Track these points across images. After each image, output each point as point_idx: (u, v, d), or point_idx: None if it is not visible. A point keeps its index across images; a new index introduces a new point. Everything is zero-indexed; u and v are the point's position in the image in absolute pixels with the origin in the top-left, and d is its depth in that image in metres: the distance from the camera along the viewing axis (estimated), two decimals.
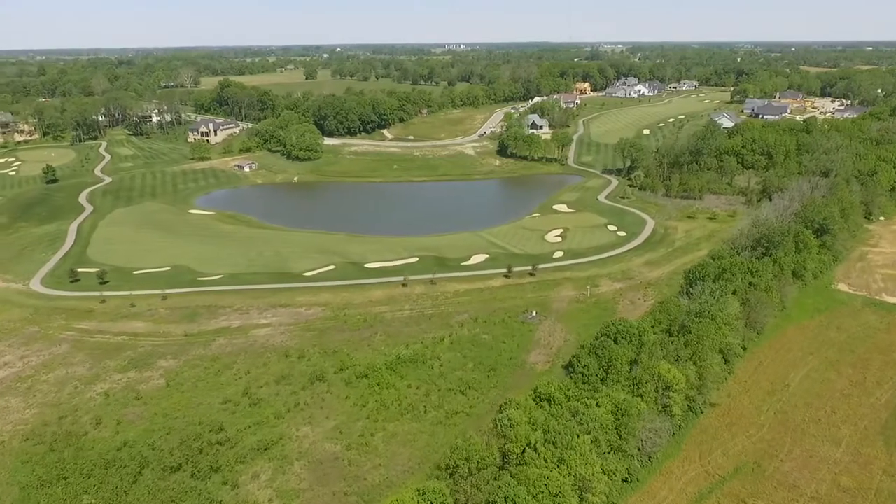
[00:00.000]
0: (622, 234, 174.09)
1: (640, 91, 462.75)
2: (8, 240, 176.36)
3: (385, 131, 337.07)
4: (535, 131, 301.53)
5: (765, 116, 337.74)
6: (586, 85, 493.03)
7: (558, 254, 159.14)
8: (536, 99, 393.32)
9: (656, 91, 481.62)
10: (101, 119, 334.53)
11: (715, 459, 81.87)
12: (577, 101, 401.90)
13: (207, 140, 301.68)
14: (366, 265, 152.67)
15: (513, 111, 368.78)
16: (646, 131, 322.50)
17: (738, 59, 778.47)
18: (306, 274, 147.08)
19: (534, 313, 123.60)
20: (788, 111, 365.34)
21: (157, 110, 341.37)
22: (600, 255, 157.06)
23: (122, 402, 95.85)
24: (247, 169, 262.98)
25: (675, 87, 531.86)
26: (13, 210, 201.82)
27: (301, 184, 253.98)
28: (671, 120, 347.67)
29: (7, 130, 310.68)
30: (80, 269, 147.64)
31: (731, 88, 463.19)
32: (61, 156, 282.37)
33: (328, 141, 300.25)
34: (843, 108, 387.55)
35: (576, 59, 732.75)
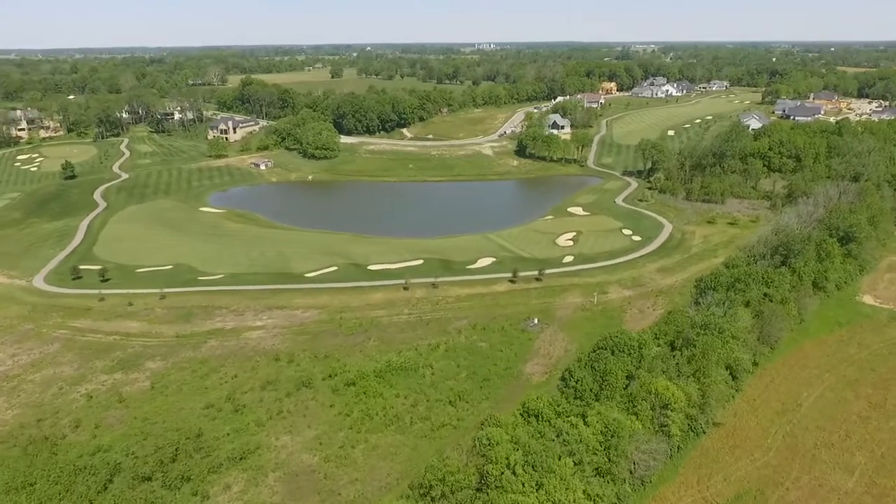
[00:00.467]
0: (637, 238, 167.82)
1: (667, 91, 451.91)
2: (19, 235, 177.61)
3: (405, 130, 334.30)
4: (555, 131, 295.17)
5: (796, 118, 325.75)
6: (612, 85, 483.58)
7: (568, 258, 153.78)
8: (559, 98, 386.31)
9: (684, 91, 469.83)
10: (124, 116, 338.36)
11: (714, 485, 76.26)
12: (602, 100, 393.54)
13: (226, 138, 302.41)
14: (369, 267, 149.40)
15: (535, 111, 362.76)
16: (670, 132, 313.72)
17: (774, 59, 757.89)
18: (307, 275, 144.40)
19: (535, 321, 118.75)
20: (822, 112, 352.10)
21: (178, 108, 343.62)
22: (612, 261, 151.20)
23: (104, 404, 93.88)
24: (262, 167, 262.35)
25: (705, 88, 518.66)
26: (28, 205, 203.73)
27: (315, 182, 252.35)
28: (698, 121, 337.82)
29: (33, 126, 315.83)
30: (83, 267, 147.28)
31: (763, 89, 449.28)
32: (83, 152, 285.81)
33: (346, 140, 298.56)
34: (880, 109, 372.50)
35: (606, 59, 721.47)
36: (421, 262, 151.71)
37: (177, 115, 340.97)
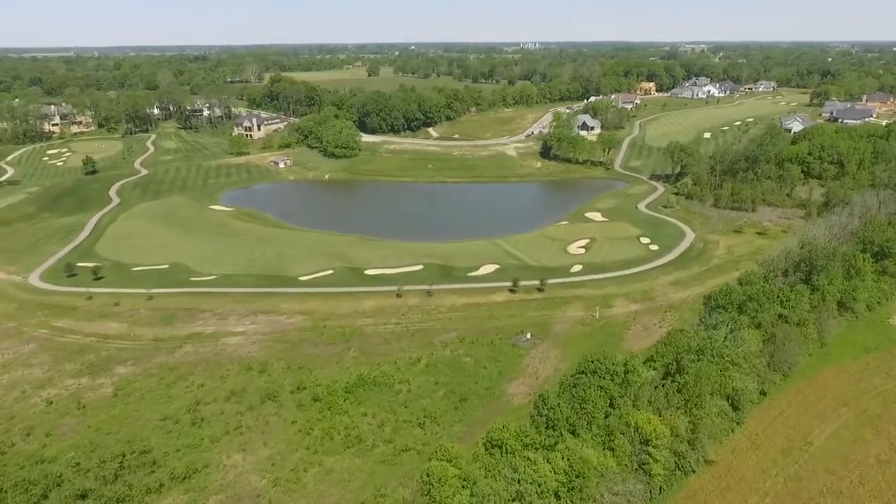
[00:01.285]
0: (654, 247, 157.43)
1: (709, 92, 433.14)
2: (29, 230, 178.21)
3: (430, 129, 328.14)
4: (584, 132, 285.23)
5: (844, 120, 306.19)
6: (651, 85, 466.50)
7: (576, 267, 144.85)
8: (592, 98, 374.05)
9: (727, 92, 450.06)
10: (155, 112, 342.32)
11: None
12: (637, 101, 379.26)
13: (250, 135, 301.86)
14: (366, 271, 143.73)
15: (567, 111, 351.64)
16: (707, 135, 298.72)
17: (829, 59, 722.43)
18: (301, 278, 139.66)
19: (528, 335, 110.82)
20: (874, 115, 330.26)
21: (207, 104, 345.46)
22: (624, 271, 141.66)
23: (63, 411, 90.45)
24: (281, 165, 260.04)
25: (751, 89, 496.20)
26: (44, 200, 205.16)
27: (331, 182, 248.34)
28: (737, 123, 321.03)
29: (65, 122, 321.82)
30: (80, 264, 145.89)
31: (812, 90, 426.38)
32: (110, 147, 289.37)
33: (369, 138, 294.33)
34: None
35: (651, 59, 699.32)
36: (421, 267, 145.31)
37: (205, 112, 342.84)
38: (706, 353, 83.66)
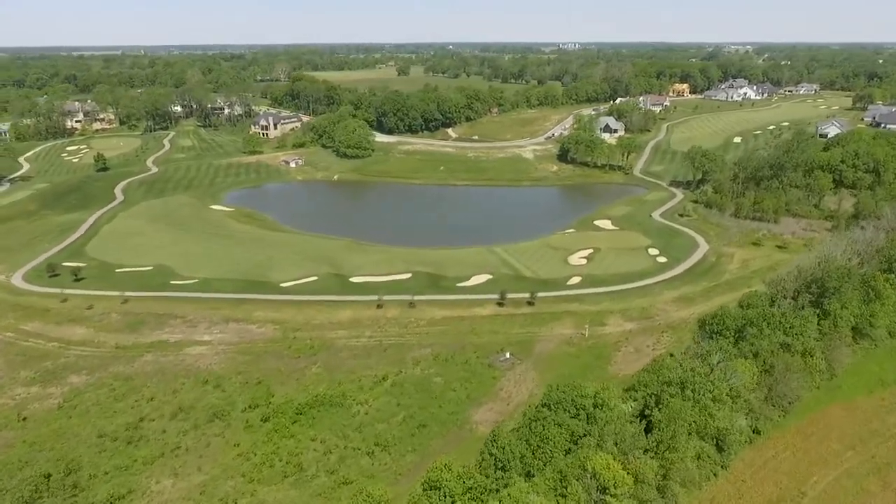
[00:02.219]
0: (662, 260, 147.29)
1: (744, 94, 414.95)
2: (27, 227, 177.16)
3: (449, 130, 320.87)
4: (607, 135, 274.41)
5: (888, 126, 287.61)
6: (685, 86, 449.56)
7: (574, 280, 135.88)
8: (619, 100, 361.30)
9: (765, 94, 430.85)
10: (178, 110, 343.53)
11: None
12: (666, 103, 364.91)
13: (266, 134, 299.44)
14: (351, 279, 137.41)
15: (593, 112, 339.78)
16: (737, 139, 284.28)
17: (880, 61, 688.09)
18: (283, 284, 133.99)
19: (507, 355, 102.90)
20: None
21: (228, 103, 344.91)
22: (625, 285, 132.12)
23: (2, 423, 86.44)
24: (292, 165, 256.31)
25: (791, 91, 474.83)
26: (47, 197, 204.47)
27: (340, 182, 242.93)
28: (771, 127, 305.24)
29: (87, 118, 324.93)
30: (66, 264, 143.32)
31: (855, 93, 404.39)
32: (128, 144, 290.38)
33: (384, 139, 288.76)
34: None
35: (692, 60, 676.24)
36: (409, 275, 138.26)
37: (226, 110, 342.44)
38: (688, 387, 74.42)
